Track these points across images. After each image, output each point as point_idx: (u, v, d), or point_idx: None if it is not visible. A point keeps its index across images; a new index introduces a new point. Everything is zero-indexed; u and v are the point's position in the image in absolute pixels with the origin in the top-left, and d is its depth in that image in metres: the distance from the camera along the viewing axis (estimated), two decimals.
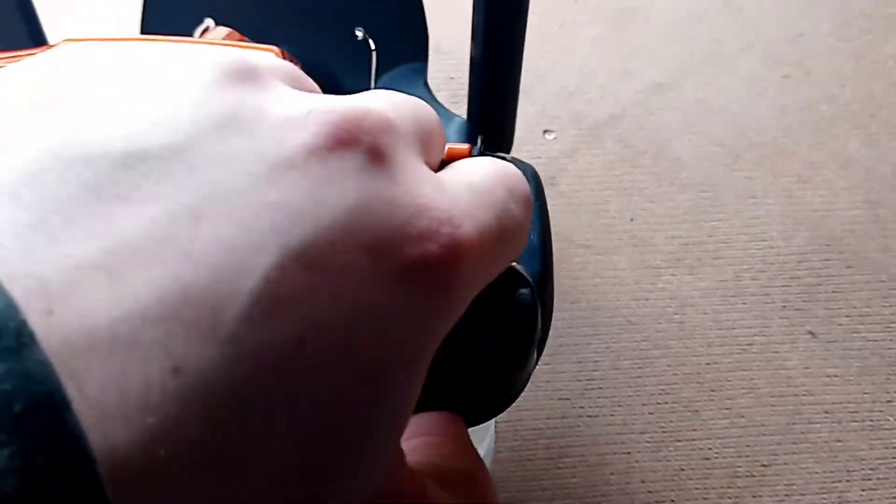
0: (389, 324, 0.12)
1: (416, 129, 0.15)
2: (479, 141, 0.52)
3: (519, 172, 0.16)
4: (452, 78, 0.83)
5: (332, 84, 0.66)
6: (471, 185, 0.15)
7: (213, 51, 0.14)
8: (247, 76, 0.14)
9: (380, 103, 0.14)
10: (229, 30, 0.50)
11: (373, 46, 0.66)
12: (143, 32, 0.62)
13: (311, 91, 0.16)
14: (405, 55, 0.68)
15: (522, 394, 0.71)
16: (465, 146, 0.57)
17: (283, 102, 0.14)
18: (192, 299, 0.11)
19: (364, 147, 0.13)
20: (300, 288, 0.12)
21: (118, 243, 0.11)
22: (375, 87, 0.66)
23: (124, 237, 0.11)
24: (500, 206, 0.15)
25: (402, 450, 0.14)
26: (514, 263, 0.18)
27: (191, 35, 0.43)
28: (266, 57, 0.15)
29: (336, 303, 0.12)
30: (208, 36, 0.49)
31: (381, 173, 0.13)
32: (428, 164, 0.15)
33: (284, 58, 0.44)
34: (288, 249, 0.12)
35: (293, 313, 0.11)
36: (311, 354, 0.12)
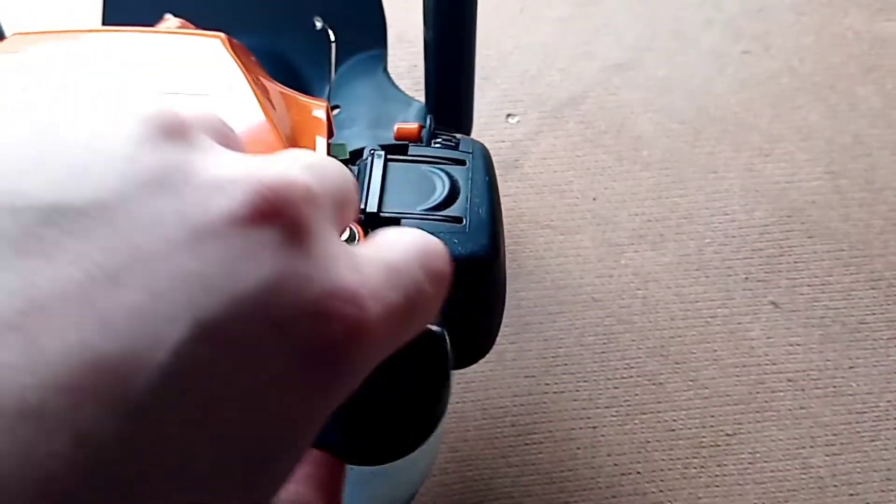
0: (288, 395, 0.13)
1: (334, 197, 0.16)
2: (428, 120, 0.52)
3: (439, 248, 0.17)
4: (415, 66, 0.83)
5: (290, 74, 0.66)
6: (385, 263, 0.16)
7: (142, 101, 0.15)
8: (176, 132, 0.14)
9: (303, 171, 0.15)
10: (181, 21, 0.50)
11: (332, 37, 0.66)
12: (104, 23, 0.62)
13: (237, 144, 0.16)
14: (364, 43, 0.68)
15: (489, 372, 0.71)
16: (415, 125, 0.57)
17: (211, 163, 0.14)
18: (104, 369, 0.11)
19: (285, 220, 0.14)
20: (209, 362, 0.12)
21: (34, 303, 0.11)
22: (335, 76, 0.66)
23: (41, 297, 0.11)
24: (412, 285, 0.16)
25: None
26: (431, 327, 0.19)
27: (151, 26, 0.43)
28: (197, 109, 0.16)
29: (243, 376, 0.12)
30: (161, 26, 0.49)
31: (299, 249, 0.14)
32: (342, 228, 0.16)
33: (232, 45, 0.44)
34: (199, 323, 0.12)
35: (200, 387, 0.12)
36: (213, 425, 0.12)
